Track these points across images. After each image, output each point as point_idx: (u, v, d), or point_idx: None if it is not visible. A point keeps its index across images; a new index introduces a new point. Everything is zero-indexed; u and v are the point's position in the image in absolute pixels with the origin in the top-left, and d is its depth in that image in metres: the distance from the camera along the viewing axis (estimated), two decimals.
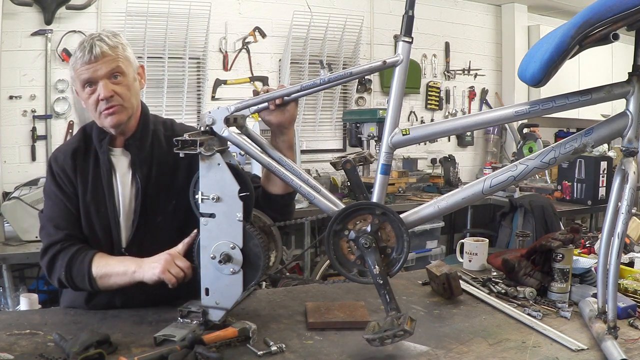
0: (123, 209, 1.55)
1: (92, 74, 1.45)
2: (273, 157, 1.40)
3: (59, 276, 1.47)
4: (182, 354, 1.14)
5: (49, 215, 1.54)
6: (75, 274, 1.45)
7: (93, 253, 1.47)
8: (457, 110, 5.49)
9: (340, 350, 1.27)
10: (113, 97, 1.47)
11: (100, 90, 1.45)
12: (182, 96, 4.16)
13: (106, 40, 1.46)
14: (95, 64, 1.44)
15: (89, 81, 1.46)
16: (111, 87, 1.47)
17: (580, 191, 4.18)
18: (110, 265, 1.45)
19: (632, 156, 1.21)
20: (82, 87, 1.48)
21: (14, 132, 3.66)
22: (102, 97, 1.45)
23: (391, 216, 1.29)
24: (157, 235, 1.55)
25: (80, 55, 1.45)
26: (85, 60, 1.44)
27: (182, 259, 1.42)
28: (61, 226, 1.50)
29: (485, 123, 1.35)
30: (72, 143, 1.58)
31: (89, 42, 1.45)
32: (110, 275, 1.44)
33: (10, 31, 3.55)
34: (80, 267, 1.45)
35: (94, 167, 1.54)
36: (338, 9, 4.68)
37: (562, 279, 1.60)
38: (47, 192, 1.57)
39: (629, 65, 1.21)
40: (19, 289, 2.96)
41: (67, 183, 1.53)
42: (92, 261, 1.45)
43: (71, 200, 1.53)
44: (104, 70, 1.45)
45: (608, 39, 1.13)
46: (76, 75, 1.48)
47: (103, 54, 1.44)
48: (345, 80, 1.37)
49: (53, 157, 1.57)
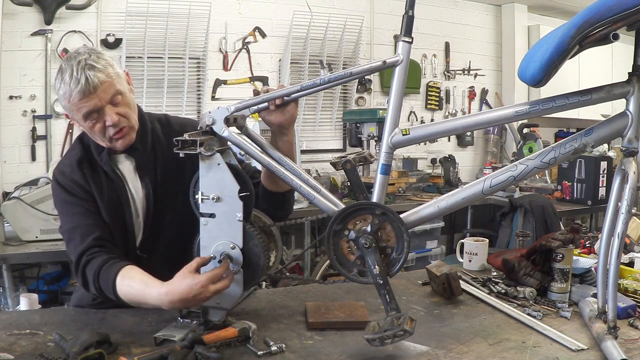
0: (139, 212, 1.54)
1: (94, 106, 1.39)
2: (273, 157, 1.40)
3: (94, 292, 1.40)
4: (182, 354, 1.14)
5: (71, 226, 1.46)
6: (105, 290, 1.36)
7: (116, 270, 1.34)
8: (457, 110, 5.48)
9: (340, 350, 1.27)
10: (119, 121, 1.43)
11: (108, 118, 1.41)
12: (182, 96, 4.16)
13: (96, 67, 1.38)
14: (94, 94, 1.38)
15: (92, 112, 1.40)
16: (115, 110, 1.42)
17: (580, 191, 4.18)
18: (134, 294, 1.32)
19: (632, 156, 1.21)
20: (84, 119, 1.41)
21: (14, 132, 3.66)
22: (111, 124, 1.42)
23: (391, 216, 1.29)
24: (166, 233, 1.55)
25: (75, 89, 1.36)
26: (83, 94, 1.37)
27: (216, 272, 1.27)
28: (88, 230, 1.43)
29: (485, 123, 1.35)
30: (74, 155, 1.53)
31: (79, 72, 1.36)
32: (138, 302, 1.33)
33: (10, 31, 3.54)
34: (106, 285, 1.35)
35: (105, 176, 1.51)
36: (338, 9, 4.68)
37: (562, 279, 1.60)
38: (61, 205, 1.50)
39: (629, 65, 1.21)
40: (19, 289, 2.96)
41: (80, 191, 1.48)
42: (116, 282, 1.33)
43: (90, 204, 1.47)
44: (106, 99, 1.40)
45: (608, 39, 1.13)
46: (74, 108, 1.40)
47: (97, 84, 1.37)
48: (345, 80, 1.37)
49: (58, 172, 1.52)
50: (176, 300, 1.24)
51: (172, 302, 1.25)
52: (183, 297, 1.23)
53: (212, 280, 1.25)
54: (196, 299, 1.24)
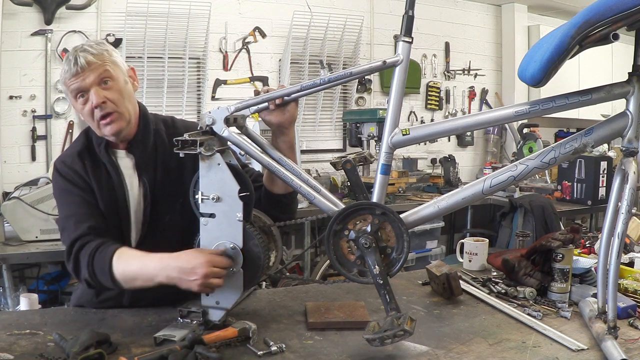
0: (133, 210, 1.54)
1: (80, 84, 1.44)
2: (273, 157, 1.40)
3: (85, 277, 1.40)
4: (182, 354, 1.14)
5: (66, 214, 1.48)
6: (100, 274, 1.37)
7: (112, 251, 1.36)
8: (457, 110, 5.48)
9: (340, 350, 1.27)
10: (106, 104, 1.45)
11: (92, 98, 1.44)
12: (182, 96, 4.16)
13: (89, 50, 1.45)
14: (82, 73, 1.43)
15: (80, 90, 1.45)
16: (102, 93, 1.45)
17: (580, 191, 4.18)
18: (133, 269, 1.35)
19: (632, 156, 1.21)
20: (75, 98, 1.47)
21: (14, 132, 3.66)
22: (95, 104, 1.44)
23: (391, 216, 1.29)
24: (165, 234, 1.55)
25: (67, 69, 1.44)
26: (73, 73, 1.43)
27: (220, 259, 1.30)
28: (83, 219, 1.44)
29: (485, 123, 1.35)
30: (76, 147, 1.56)
31: (73, 54, 1.45)
32: (135, 279, 1.35)
33: (10, 31, 3.55)
34: (101, 267, 1.36)
35: (105, 169, 1.53)
36: (338, 9, 4.68)
37: (562, 279, 1.60)
38: (59, 194, 1.52)
39: (629, 65, 1.21)
40: (19, 289, 2.95)
41: (79, 180, 1.50)
42: (112, 261, 1.35)
43: (88, 193, 1.49)
44: (92, 77, 1.44)
45: (608, 39, 1.13)
46: (67, 89, 1.47)
47: (88, 63, 1.43)
48: (345, 80, 1.37)
49: (59, 162, 1.54)
50: (174, 267, 1.29)
51: (169, 266, 1.30)
52: (182, 266, 1.29)
53: (214, 263, 1.28)
54: (193, 272, 1.27)
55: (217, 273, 1.29)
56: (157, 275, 1.31)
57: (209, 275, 1.27)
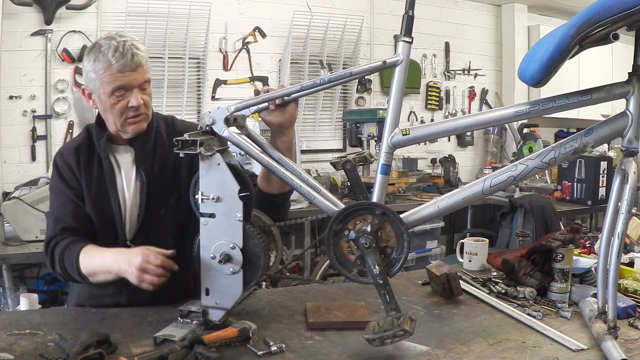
0: (128, 203, 1.57)
1: (127, 83, 1.46)
2: (273, 157, 1.40)
3: (59, 271, 1.50)
4: (182, 354, 1.14)
5: (50, 212, 1.57)
6: (69, 269, 1.46)
7: (80, 248, 1.45)
8: (457, 110, 5.49)
9: (340, 350, 1.27)
10: (142, 107, 1.50)
11: (133, 99, 1.47)
12: (182, 96, 4.16)
13: (141, 49, 1.47)
14: (132, 72, 1.45)
15: (122, 88, 1.46)
16: (141, 96, 1.49)
17: (580, 191, 4.18)
18: (94, 264, 1.43)
19: (632, 156, 1.21)
20: (111, 92, 1.46)
21: (14, 132, 3.66)
22: (134, 105, 1.48)
23: (391, 216, 1.29)
24: (161, 227, 1.58)
25: (119, 61, 1.43)
26: (124, 68, 1.43)
27: (155, 255, 1.34)
28: (60, 219, 1.52)
29: (485, 123, 1.35)
30: (77, 140, 1.61)
31: (124, 47, 1.43)
32: (97, 273, 1.43)
33: (10, 31, 3.55)
34: (70, 263, 1.46)
35: (98, 164, 1.56)
36: (338, 9, 4.68)
37: (562, 279, 1.60)
38: (52, 188, 1.60)
39: (629, 65, 1.21)
40: (19, 289, 2.95)
41: (71, 177, 1.55)
42: (79, 257, 1.44)
43: (75, 193, 1.54)
44: (140, 80, 1.48)
45: (608, 39, 1.13)
46: (106, 80, 1.45)
47: (139, 65, 1.46)
48: (345, 80, 1.37)
49: (59, 153, 1.60)
50: (122, 259, 1.37)
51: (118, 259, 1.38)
52: (125, 258, 1.37)
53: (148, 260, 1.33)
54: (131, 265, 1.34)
55: (151, 270, 1.33)
56: (111, 267, 1.39)
57: (142, 269, 1.33)
